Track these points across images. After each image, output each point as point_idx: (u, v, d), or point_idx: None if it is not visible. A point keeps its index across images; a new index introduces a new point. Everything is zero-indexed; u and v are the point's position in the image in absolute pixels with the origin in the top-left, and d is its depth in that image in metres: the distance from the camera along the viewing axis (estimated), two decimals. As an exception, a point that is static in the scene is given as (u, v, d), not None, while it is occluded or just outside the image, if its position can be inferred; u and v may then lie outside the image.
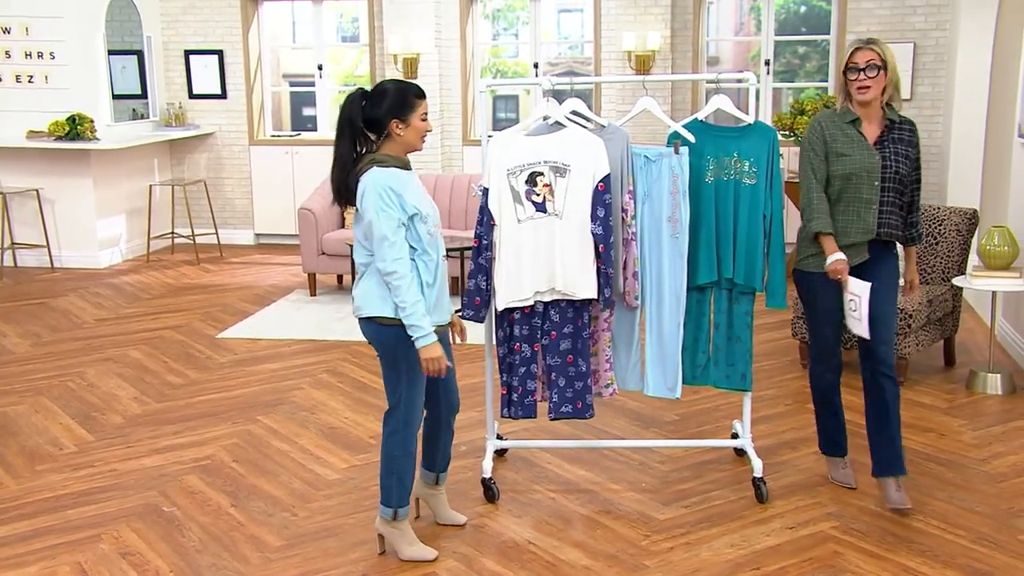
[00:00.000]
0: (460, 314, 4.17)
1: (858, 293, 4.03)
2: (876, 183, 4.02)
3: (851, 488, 4.35)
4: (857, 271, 4.08)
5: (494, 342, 4.35)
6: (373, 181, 3.53)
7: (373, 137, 3.66)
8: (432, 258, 3.62)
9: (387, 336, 3.61)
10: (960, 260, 6.02)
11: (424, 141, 3.69)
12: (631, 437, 5.01)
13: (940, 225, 6.04)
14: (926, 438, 4.94)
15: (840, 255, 4.04)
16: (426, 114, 3.63)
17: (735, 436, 4.77)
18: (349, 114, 3.62)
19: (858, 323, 4.06)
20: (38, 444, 5.03)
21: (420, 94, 3.63)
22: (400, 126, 3.59)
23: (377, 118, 3.60)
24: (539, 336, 4.23)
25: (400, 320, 3.55)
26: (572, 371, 4.22)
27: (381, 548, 3.86)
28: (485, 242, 4.16)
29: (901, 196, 4.10)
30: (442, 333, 3.80)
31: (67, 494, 4.43)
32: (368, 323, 3.65)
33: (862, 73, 3.97)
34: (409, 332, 3.53)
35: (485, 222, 4.15)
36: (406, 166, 3.66)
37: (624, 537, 3.96)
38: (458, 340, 3.94)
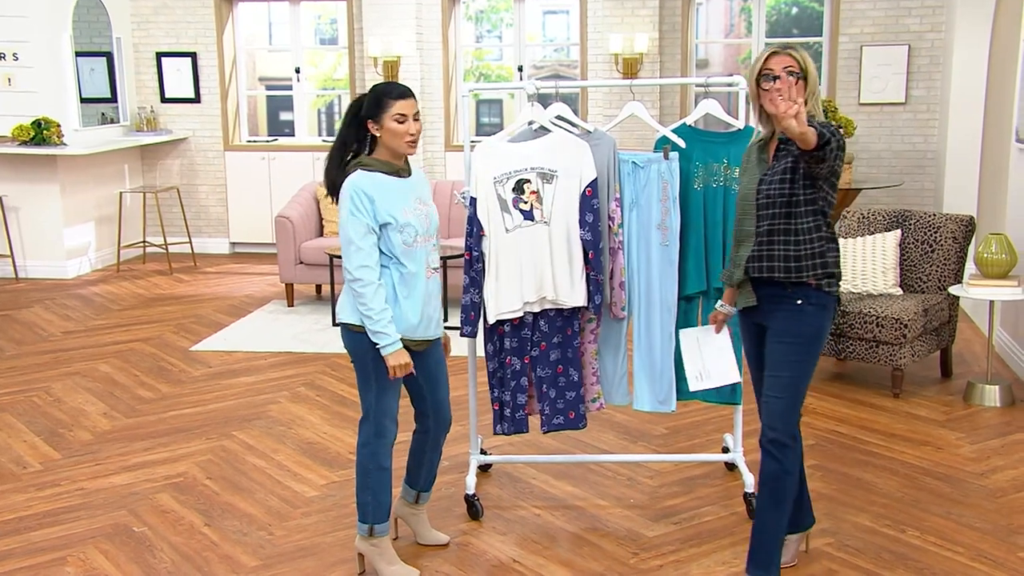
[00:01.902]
0: (460, 332, 4.21)
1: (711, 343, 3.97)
2: (751, 212, 3.50)
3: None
4: (753, 320, 3.64)
5: (478, 355, 4.35)
6: (350, 183, 3.56)
7: (366, 139, 3.68)
8: (409, 270, 3.61)
9: (358, 343, 3.63)
10: (956, 268, 6.06)
11: (411, 145, 3.61)
12: (619, 451, 5.02)
13: (936, 232, 6.08)
14: (922, 451, 4.97)
15: (721, 306, 3.86)
16: (403, 115, 3.56)
17: (726, 450, 4.78)
18: (347, 114, 3.68)
19: (694, 381, 3.99)
20: (0, 463, 4.99)
21: (396, 94, 3.58)
22: (375, 126, 3.61)
23: (359, 119, 3.64)
24: (529, 348, 4.24)
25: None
26: (563, 381, 4.24)
27: (360, 568, 3.85)
28: (476, 254, 4.16)
29: (785, 220, 3.41)
30: (432, 347, 3.81)
31: (31, 515, 4.40)
32: (343, 329, 3.67)
33: (777, 81, 3.40)
34: (373, 339, 3.55)
35: (475, 233, 4.15)
36: (398, 172, 3.64)
37: (612, 555, 3.97)
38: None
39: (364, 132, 3.65)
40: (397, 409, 3.74)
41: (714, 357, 3.97)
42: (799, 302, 3.44)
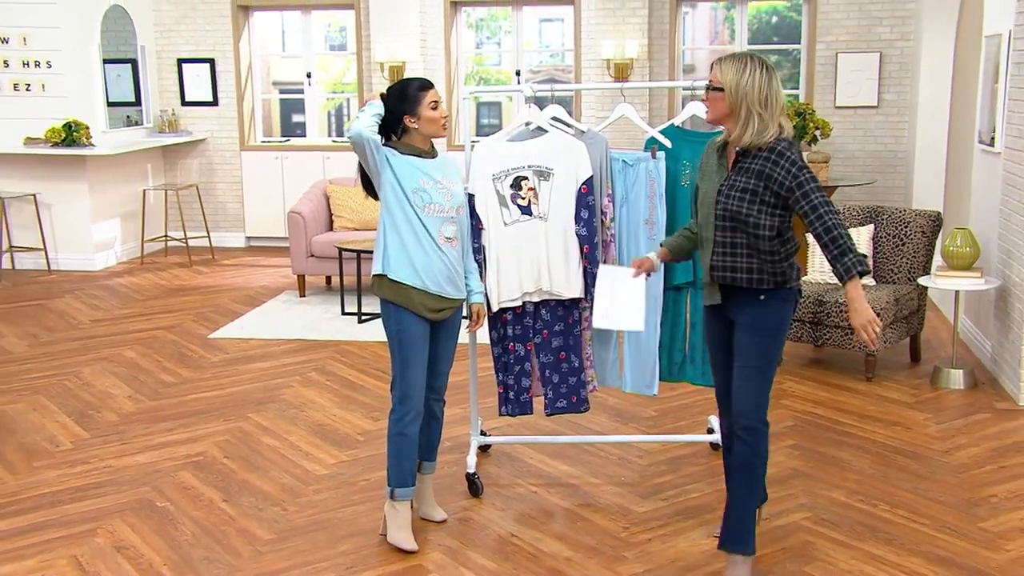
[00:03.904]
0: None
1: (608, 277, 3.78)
2: (711, 220, 3.38)
3: None
4: (719, 313, 3.53)
5: (478, 341, 4.34)
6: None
7: (396, 135, 3.75)
8: (424, 225, 3.65)
9: (383, 311, 3.74)
10: (925, 260, 6.05)
11: (445, 128, 3.76)
12: (611, 433, 5.01)
13: (906, 227, 6.07)
14: (893, 431, 4.96)
15: (654, 256, 3.73)
16: (436, 102, 3.70)
17: (710, 431, 4.77)
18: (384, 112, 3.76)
19: (598, 317, 3.79)
20: (35, 441, 4.98)
21: (422, 87, 3.70)
22: (412, 120, 3.69)
23: (392, 118, 3.71)
24: (531, 335, 4.23)
25: (391, 293, 3.66)
26: (565, 367, 4.23)
27: (383, 530, 3.89)
28: (475, 245, 4.15)
29: (745, 236, 3.32)
30: (452, 318, 3.84)
31: (64, 490, 4.39)
32: (380, 302, 3.74)
33: (705, 92, 3.37)
34: (369, 109, 3.64)
35: (474, 226, 4.15)
36: (423, 154, 3.73)
37: (604, 529, 3.96)
38: (469, 329, 3.97)
39: (394, 129, 3.72)
40: (423, 381, 3.74)
41: (623, 300, 3.75)
42: (762, 298, 3.38)
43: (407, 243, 3.66)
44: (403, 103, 3.68)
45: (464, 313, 3.94)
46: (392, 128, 3.72)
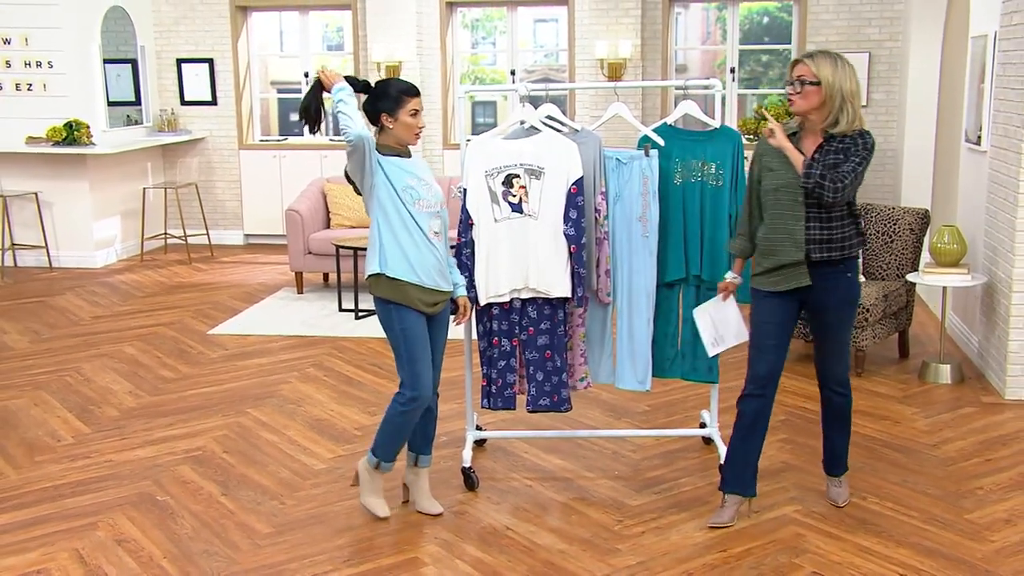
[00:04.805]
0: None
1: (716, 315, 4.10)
2: (800, 199, 3.64)
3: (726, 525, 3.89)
4: (801, 297, 3.78)
5: (473, 336, 4.34)
6: None
7: (374, 129, 3.76)
8: (414, 220, 3.68)
9: (383, 312, 3.76)
10: (913, 257, 6.05)
11: (417, 137, 3.76)
12: (604, 427, 5.01)
13: (895, 224, 6.07)
14: (882, 425, 4.97)
15: (731, 276, 4.01)
16: (416, 111, 3.71)
17: (703, 425, 4.77)
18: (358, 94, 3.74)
19: (711, 347, 4.12)
20: (37, 436, 4.97)
21: (409, 92, 3.73)
22: (389, 120, 3.70)
23: (371, 110, 3.73)
24: (517, 331, 4.22)
25: (390, 292, 3.68)
26: (550, 366, 4.22)
27: (353, 482, 4.02)
28: (464, 239, 4.15)
29: (831, 212, 3.66)
30: (443, 313, 3.87)
31: (65, 484, 4.38)
32: (375, 301, 3.76)
33: (792, 86, 3.65)
34: (337, 97, 3.59)
35: (464, 221, 4.15)
36: (401, 154, 3.76)
37: (598, 522, 3.96)
38: (456, 322, 4.00)
39: (372, 123, 3.74)
40: (429, 375, 3.77)
41: (725, 324, 4.06)
42: (849, 275, 3.74)
43: (402, 240, 3.68)
44: (384, 100, 3.69)
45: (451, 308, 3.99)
46: (371, 121, 3.74)
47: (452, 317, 3.99)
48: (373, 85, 3.77)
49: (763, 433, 3.88)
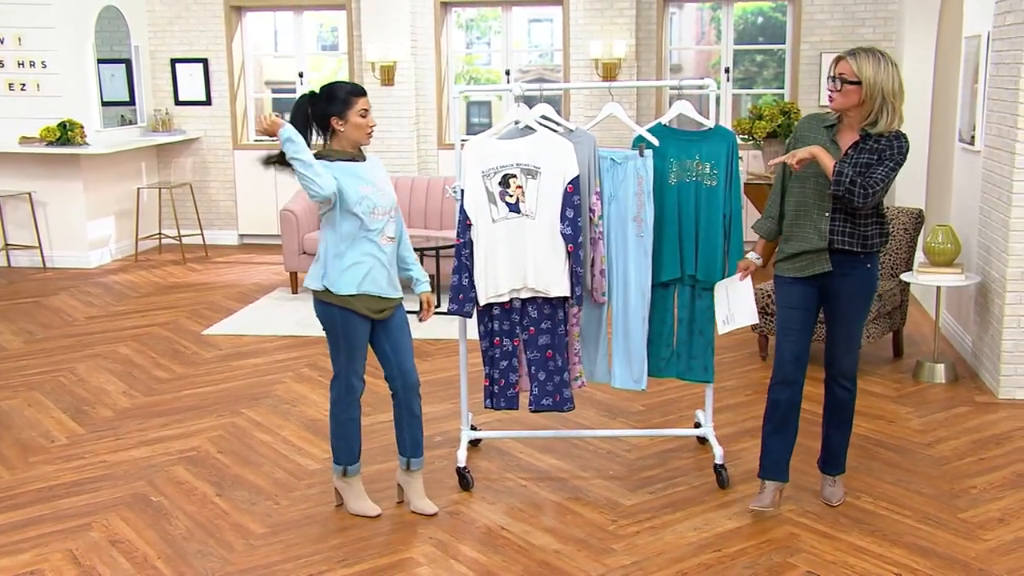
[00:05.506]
0: (447, 309, 4.22)
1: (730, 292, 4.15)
2: (829, 190, 3.69)
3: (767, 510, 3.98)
4: (821, 283, 3.84)
5: (468, 336, 4.33)
6: None
7: (324, 135, 3.77)
8: (369, 232, 3.73)
9: (324, 311, 3.80)
10: (908, 257, 6.06)
11: (370, 136, 3.78)
12: (599, 427, 5.01)
13: (889, 224, 6.07)
14: (876, 424, 4.97)
15: (753, 256, 4.08)
16: (366, 111, 3.72)
17: (698, 425, 4.77)
18: (298, 115, 3.74)
19: (721, 324, 4.17)
20: (31, 437, 4.96)
21: (356, 92, 3.73)
22: (340, 123, 3.71)
23: (319, 117, 3.73)
24: (519, 331, 4.22)
25: (333, 299, 3.73)
26: (551, 365, 4.21)
27: (338, 501, 4.05)
28: (463, 240, 4.15)
29: (856, 210, 3.72)
30: (395, 313, 3.90)
31: (59, 484, 4.37)
32: (314, 299, 3.82)
33: (832, 83, 3.67)
34: (286, 150, 3.62)
35: (463, 222, 4.15)
36: (355, 158, 3.78)
37: (592, 522, 3.96)
38: (420, 318, 4.01)
39: (321, 129, 3.74)
40: (363, 368, 3.88)
41: (738, 302, 4.11)
42: (868, 266, 3.79)
43: (350, 257, 3.72)
44: (332, 104, 3.70)
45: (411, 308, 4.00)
46: (320, 127, 3.74)
47: (417, 314, 4.01)
48: (317, 92, 3.76)
49: (796, 424, 3.97)
